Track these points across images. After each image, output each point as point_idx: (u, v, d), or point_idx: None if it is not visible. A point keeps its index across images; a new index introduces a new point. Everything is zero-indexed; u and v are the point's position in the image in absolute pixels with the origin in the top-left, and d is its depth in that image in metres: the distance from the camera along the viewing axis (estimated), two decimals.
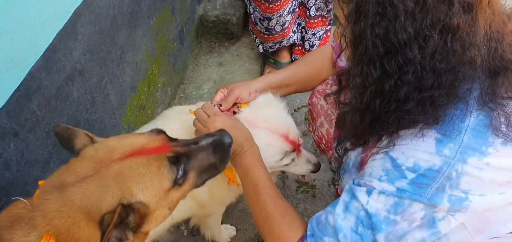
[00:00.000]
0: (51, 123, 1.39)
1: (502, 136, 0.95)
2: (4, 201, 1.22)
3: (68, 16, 1.39)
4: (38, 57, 1.28)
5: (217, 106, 1.46)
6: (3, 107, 1.18)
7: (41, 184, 0.96)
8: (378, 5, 0.94)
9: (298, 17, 2.56)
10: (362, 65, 1.01)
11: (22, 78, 1.23)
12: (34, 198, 0.95)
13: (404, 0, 0.91)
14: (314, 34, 2.58)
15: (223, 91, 1.53)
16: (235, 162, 1.33)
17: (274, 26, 2.45)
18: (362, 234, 1.04)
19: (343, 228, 1.06)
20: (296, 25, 2.57)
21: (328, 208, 1.14)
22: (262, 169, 1.30)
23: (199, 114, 1.39)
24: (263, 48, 2.64)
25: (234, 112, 1.50)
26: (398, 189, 1.00)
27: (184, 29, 2.54)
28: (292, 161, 1.51)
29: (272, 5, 2.35)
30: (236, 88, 1.51)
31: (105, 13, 1.63)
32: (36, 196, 0.95)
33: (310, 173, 1.62)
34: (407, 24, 0.91)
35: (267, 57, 2.73)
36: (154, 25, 2.11)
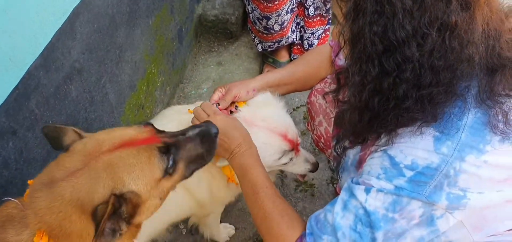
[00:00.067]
0: (50, 122, 1.39)
1: (500, 133, 0.95)
2: (2, 200, 1.22)
3: (66, 15, 1.39)
4: (37, 56, 1.28)
5: (215, 105, 1.46)
6: (2, 105, 1.18)
7: (30, 183, 0.96)
8: (376, 3, 0.94)
9: (296, 16, 2.56)
10: (360, 63, 1.01)
11: (21, 76, 1.23)
12: (25, 197, 0.95)
13: None
14: (312, 33, 2.58)
15: (221, 90, 1.53)
16: (233, 162, 1.33)
17: (273, 25, 2.45)
18: (361, 232, 1.04)
19: (342, 226, 1.06)
20: (294, 24, 2.57)
21: (327, 207, 1.14)
22: (260, 168, 1.30)
23: (198, 112, 1.39)
24: (262, 47, 2.64)
25: (231, 112, 1.50)
26: (396, 187, 1.00)
27: (183, 29, 2.54)
28: (290, 160, 1.51)
29: (270, 4, 2.35)
30: (234, 87, 1.51)
31: (103, 12, 1.63)
32: (26, 195, 0.95)
33: (309, 173, 1.62)
34: (405, 22, 0.91)
35: (266, 57, 2.72)
36: (152, 24, 2.11)
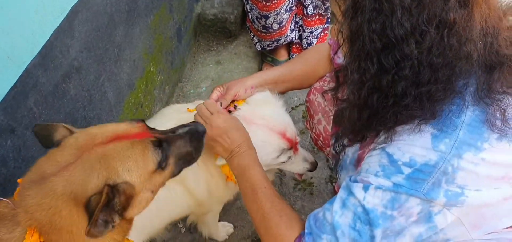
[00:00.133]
0: (48, 120, 1.39)
1: (498, 131, 0.95)
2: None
3: (65, 14, 1.39)
4: (35, 54, 1.28)
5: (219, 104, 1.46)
6: (0, 104, 1.18)
7: (20, 182, 0.96)
8: (375, 1, 0.94)
9: (295, 15, 2.57)
10: (359, 61, 1.01)
11: (19, 75, 1.23)
12: (15, 196, 0.95)
13: None
14: (311, 32, 2.59)
15: (219, 89, 1.53)
16: (232, 163, 1.33)
17: (272, 24, 2.45)
18: (360, 230, 1.04)
19: (341, 225, 1.06)
20: (293, 23, 2.57)
21: (326, 205, 1.14)
22: (259, 168, 1.30)
23: (202, 110, 1.38)
24: (261, 46, 2.64)
25: (229, 111, 1.50)
26: (394, 184, 1.00)
27: (182, 27, 2.54)
28: (288, 159, 1.51)
29: (269, 3, 2.35)
30: (233, 86, 1.52)
31: (102, 11, 1.63)
32: (16, 194, 0.95)
33: (307, 172, 1.62)
34: (404, 19, 0.91)
35: (265, 55, 2.72)
36: (151, 23, 2.11)
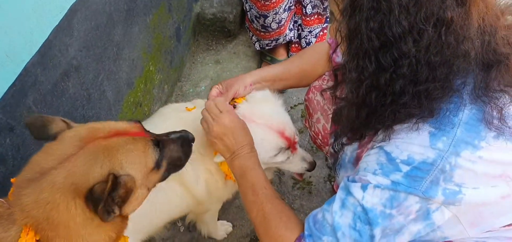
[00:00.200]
0: None
1: (495, 129, 0.96)
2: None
3: (63, 12, 1.39)
4: (34, 53, 1.28)
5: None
6: None
7: (13, 182, 0.96)
8: (373, 0, 0.94)
9: (294, 15, 2.57)
10: (357, 59, 1.01)
11: (18, 73, 1.23)
12: (9, 196, 0.95)
13: None
14: (310, 32, 2.59)
15: (218, 87, 1.53)
16: (233, 163, 1.33)
17: (270, 24, 2.46)
18: (360, 230, 1.04)
19: (342, 225, 1.06)
20: (292, 23, 2.57)
21: (324, 206, 1.13)
22: (260, 170, 1.30)
23: (211, 107, 1.38)
24: (260, 45, 2.65)
25: None
26: (393, 182, 1.00)
27: (181, 27, 2.54)
28: (287, 159, 1.51)
29: (268, 2, 2.35)
30: (233, 84, 1.52)
31: (101, 10, 1.63)
32: (10, 194, 0.95)
33: (305, 172, 1.62)
34: (402, 18, 0.91)
35: (264, 55, 2.72)
36: (150, 22, 2.11)
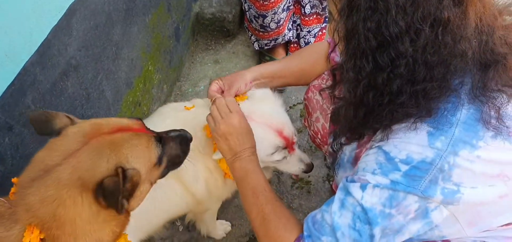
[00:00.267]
0: None
1: (493, 129, 0.96)
2: None
3: (62, 12, 1.40)
4: (33, 52, 1.28)
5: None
6: None
7: (15, 181, 0.95)
8: (370, 0, 0.94)
9: (293, 15, 2.57)
10: (355, 59, 1.01)
11: (17, 72, 1.23)
12: (10, 195, 0.95)
13: None
14: (309, 32, 2.59)
15: (218, 83, 1.53)
16: (234, 164, 1.33)
17: (269, 24, 2.46)
18: (360, 230, 1.04)
19: (341, 226, 1.06)
20: (291, 23, 2.57)
21: (323, 207, 1.14)
22: (260, 173, 1.31)
23: (221, 105, 1.37)
24: (259, 45, 2.65)
25: None
26: (392, 181, 1.00)
27: (180, 26, 2.54)
28: (283, 158, 1.51)
29: (266, 2, 2.36)
30: (234, 82, 1.52)
31: (100, 9, 1.63)
32: (11, 193, 0.94)
33: (302, 173, 1.62)
34: (399, 18, 0.92)
35: (263, 55, 2.73)
36: (149, 22, 2.11)
